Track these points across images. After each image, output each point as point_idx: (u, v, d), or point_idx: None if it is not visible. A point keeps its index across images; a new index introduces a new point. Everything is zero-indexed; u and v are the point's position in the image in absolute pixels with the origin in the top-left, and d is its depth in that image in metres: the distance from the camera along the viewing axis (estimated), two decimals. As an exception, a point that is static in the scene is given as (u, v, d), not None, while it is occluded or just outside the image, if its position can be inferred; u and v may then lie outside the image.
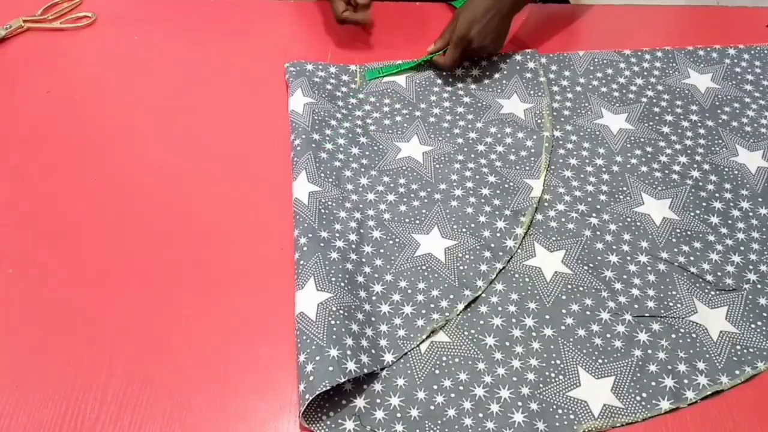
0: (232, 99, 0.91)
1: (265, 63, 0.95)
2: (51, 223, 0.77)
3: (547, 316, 0.70)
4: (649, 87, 0.94)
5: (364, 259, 0.73)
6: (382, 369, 0.65)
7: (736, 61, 0.98)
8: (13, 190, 0.80)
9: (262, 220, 0.78)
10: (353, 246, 0.73)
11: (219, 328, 0.69)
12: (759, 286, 0.73)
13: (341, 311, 0.66)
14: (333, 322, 0.65)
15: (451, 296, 0.70)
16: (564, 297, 0.71)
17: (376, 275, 0.72)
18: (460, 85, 0.93)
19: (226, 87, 0.93)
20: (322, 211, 0.75)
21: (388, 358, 0.66)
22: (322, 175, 0.79)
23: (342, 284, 0.68)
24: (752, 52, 0.99)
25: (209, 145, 0.86)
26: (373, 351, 0.65)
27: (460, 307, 0.70)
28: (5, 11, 1.01)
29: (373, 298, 0.70)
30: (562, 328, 0.69)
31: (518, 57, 0.96)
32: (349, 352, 0.63)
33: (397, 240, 0.75)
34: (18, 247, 0.74)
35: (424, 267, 0.73)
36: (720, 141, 0.87)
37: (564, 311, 0.70)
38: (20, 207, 0.78)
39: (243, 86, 0.93)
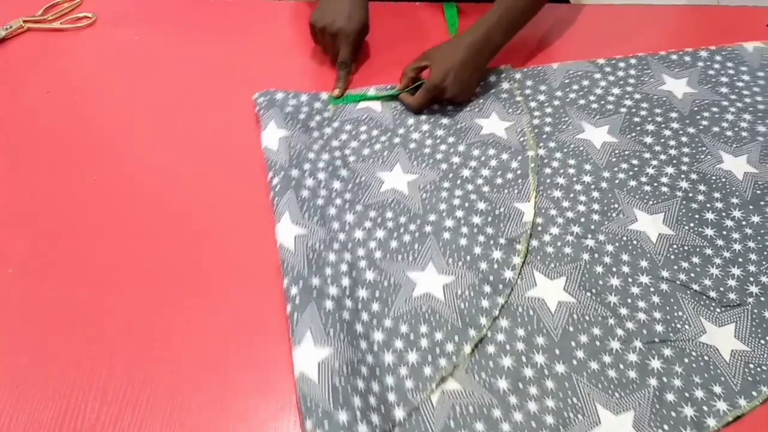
0: (232, 99, 0.91)
1: (265, 63, 0.94)
2: (51, 223, 0.77)
3: (557, 351, 0.67)
4: (627, 96, 0.92)
5: (360, 305, 0.69)
6: (394, 427, 0.61)
7: (709, 63, 0.97)
8: (13, 190, 0.80)
9: (262, 220, 0.76)
10: (347, 292, 0.69)
11: (219, 328, 0.68)
12: (763, 299, 0.72)
13: (345, 367, 0.62)
14: (337, 382, 0.61)
15: (456, 338, 0.67)
16: (571, 328, 0.68)
17: (375, 321, 0.68)
18: (436, 107, 0.89)
19: (226, 87, 0.93)
20: (311, 255, 0.71)
21: (399, 414, 0.62)
22: (306, 215, 0.74)
23: (341, 336, 0.64)
24: (723, 53, 0.99)
25: (209, 145, 0.85)
26: (383, 408, 0.61)
27: (467, 349, 0.66)
28: (5, 11, 1.02)
29: (375, 347, 0.66)
30: (574, 362, 0.66)
31: (492, 77, 0.93)
32: (358, 414, 0.59)
33: (392, 280, 0.71)
34: (18, 247, 0.74)
35: (423, 308, 0.69)
36: (704, 148, 0.86)
37: (573, 343, 0.67)
38: (20, 207, 0.78)
39: (243, 86, 0.91)
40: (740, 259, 0.75)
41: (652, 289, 0.72)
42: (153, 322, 0.68)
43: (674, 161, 0.84)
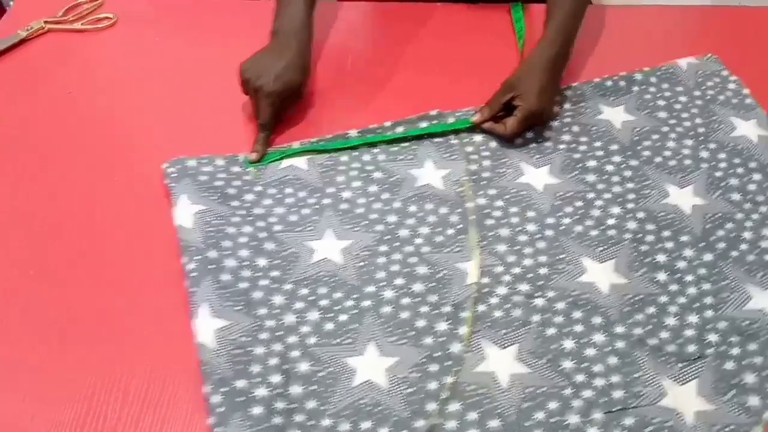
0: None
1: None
2: (71, 223, 0.76)
3: (514, 435, 0.62)
4: (564, 129, 0.88)
5: (294, 404, 0.62)
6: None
7: (644, 87, 0.93)
8: (36, 191, 0.80)
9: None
10: (279, 390, 0.62)
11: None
12: (722, 348, 0.68)
13: None
14: None
15: (404, 432, 0.61)
16: (526, 405, 0.63)
17: (312, 423, 0.61)
18: (367, 158, 0.83)
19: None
20: (234, 352, 0.64)
21: None
22: (228, 304, 0.68)
23: None
24: (658, 74, 0.95)
25: (234, 146, 0.83)
26: None
27: (416, 444, 0.60)
28: (26, 12, 1.02)
29: None
30: (532, 445, 0.61)
31: (423, 123, 0.87)
32: None
33: (329, 370, 0.65)
34: (38, 248, 0.74)
35: (365, 400, 0.63)
36: (648, 182, 0.82)
37: (530, 424, 0.62)
38: (43, 208, 0.78)
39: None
40: (696, 304, 0.71)
41: (607, 349, 0.67)
42: (174, 321, 0.67)
43: (619, 199, 0.80)
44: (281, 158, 0.83)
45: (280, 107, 0.85)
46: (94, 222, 0.77)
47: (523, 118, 0.83)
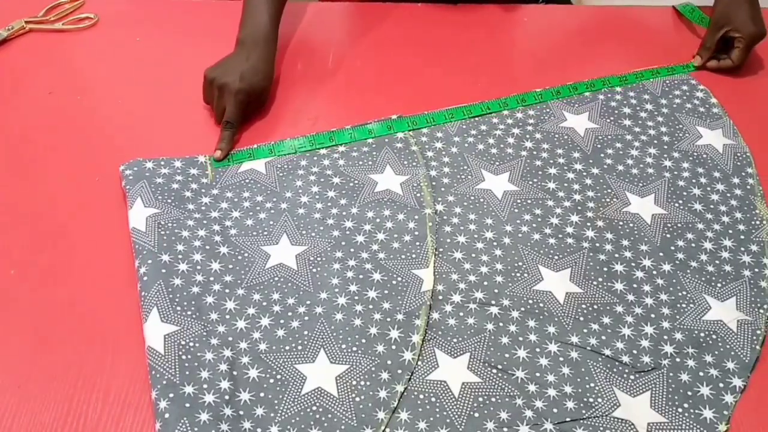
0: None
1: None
2: (52, 224, 0.76)
3: (462, 444, 0.61)
4: (527, 137, 0.87)
5: (242, 412, 0.61)
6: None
7: (610, 95, 0.93)
8: (14, 191, 0.80)
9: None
10: (226, 397, 0.61)
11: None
12: (678, 359, 0.67)
13: None
14: None
15: (350, 440, 0.60)
16: (477, 414, 0.63)
17: (259, 430, 0.60)
18: (326, 162, 0.83)
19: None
20: (183, 357, 0.63)
21: None
22: (179, 309, 0.66)
23: None
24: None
25: (212, 146, 0.84)
26: None
27: (362, 454, 0.60)
28: (7, 12, 1.01)
29: None
30: (481, 455, 0.60)
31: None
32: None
33: (278, 377, 0.64)
34: (19, 248, 0.74)
35: (314, 407, 0.62)
36: (609, 191, 0.81)
37: (479, 433, 0.62)
38: (21, 208, 0.78)
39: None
40: (653, 315, 0.71)
41: (561, 359, 0.67)
42: None
43: (579, 207, 0.80)
44: (243, 160, 0.82)
45: (244, 105, 0.85)
46: (74, 222, 0.76)
47: (747, 47, 0.93)
